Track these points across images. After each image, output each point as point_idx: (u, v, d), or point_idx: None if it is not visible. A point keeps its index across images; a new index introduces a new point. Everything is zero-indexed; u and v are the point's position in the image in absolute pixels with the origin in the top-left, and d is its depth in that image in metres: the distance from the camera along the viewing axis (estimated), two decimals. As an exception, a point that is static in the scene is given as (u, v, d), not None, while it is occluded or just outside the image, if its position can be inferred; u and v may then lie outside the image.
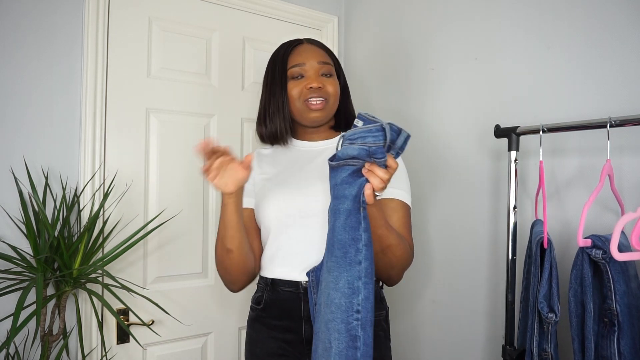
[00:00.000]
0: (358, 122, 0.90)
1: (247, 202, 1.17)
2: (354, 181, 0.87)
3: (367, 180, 0.86)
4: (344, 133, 0.90)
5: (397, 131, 0.85)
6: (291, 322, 1.10)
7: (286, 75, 1.17)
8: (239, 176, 0.99)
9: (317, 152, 1.20)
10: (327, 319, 0.88)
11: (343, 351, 0.85)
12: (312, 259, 1.09)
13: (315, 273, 1.05)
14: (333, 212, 0.90)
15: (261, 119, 1.22)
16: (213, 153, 0.96)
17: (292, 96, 1.16)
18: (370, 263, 0.87)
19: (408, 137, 0.86)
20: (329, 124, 1.23)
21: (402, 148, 0.87)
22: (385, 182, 0.85)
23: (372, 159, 0.84)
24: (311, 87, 1.13)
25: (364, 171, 0.86)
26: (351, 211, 0.87)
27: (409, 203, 1.15)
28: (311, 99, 1.14)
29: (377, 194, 0.88)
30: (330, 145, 1.21)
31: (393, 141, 0.85)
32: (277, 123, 1.18)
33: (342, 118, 1.24)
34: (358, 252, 0.86)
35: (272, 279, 1.12)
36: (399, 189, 1.12)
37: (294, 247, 1.10)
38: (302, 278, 1.09)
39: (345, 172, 0.88)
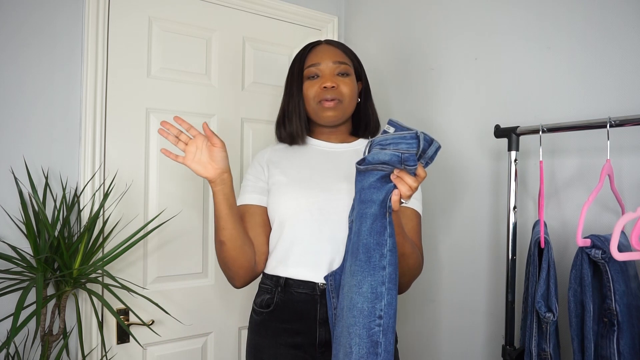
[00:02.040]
0: (389, 128, 0.90)
1: (259, 200, 1.16)
2: (382, 186, 0.87)
3: (395, 187, 0.86)
4: (373, 138, 0.90)
5: (429, 141, 0.85)
6: (303, 324, 1.08)
7: (303, 76, 1.18)
8: (214, 155, 1.01)
9: (337, 153, 1.20)
10: (348, 324, 0.87)
11: (364, 357, 0.85)
12: (328, 258, 1.07)
13: (334, 277, 1.04)
14: (359, 216, 0.90)
15: (280, 120, 1.23)
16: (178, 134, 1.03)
17: (308, 96, 1.17)
18: (395, 269, 0.87)
19: (439, 148, 0.86)
20: (346, 126, 1.23)
21: (432, 158, 0.87)
22: (413, 190, 0.85)
23: (403, 166, 0.84)
24: (325, 87, 1.14)
25: (392, 177, 0.86)
26: (377, 216, 0.87)
27: (421, 212, 1.16)
28: (324, 100, 1.14)
29: (402, 201, 0.88)
30: (349, 148, 1.21)
31: (424, 150, 0.85)
32: (294, 123, 1.18)
33: (362, 121, 1.23)
34: (383, 257, 0.86)
35: (286, 279, 1.10)
36: (414, 198, 1.13)
37: (311, 245, 1.08)
38: (319, 279, 1.07)
39: (373, 177, 0.88)
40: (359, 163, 0.89)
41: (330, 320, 1.04)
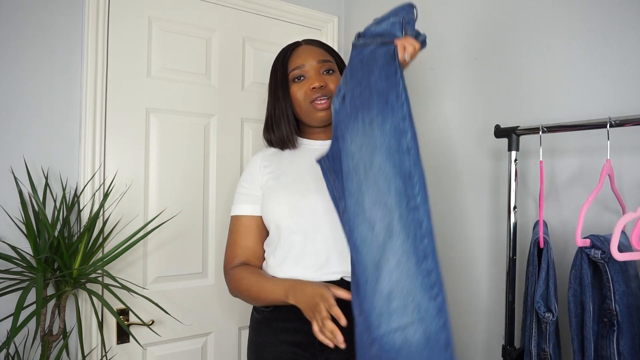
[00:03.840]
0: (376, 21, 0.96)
1: (252, 210, 1.18)
2: (382, 48, 0.91)
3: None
4: (359, 31, 0.96)
5: (418, 33, 0.90)
6: (302, 323, 1.07)
7: (287, 79, 1.18)
8: None
9: (325, 150, 1.20)
10: (374, 175, 0.86)
11: (401, 190, 0.85)
12: (323, 257, 1.09)
13: (327, 158, 1.01)
14: (366, 75, 0.92)
15: (268, 125, 1.23)
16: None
17: (298, 99, 1.17)
18: (409, 107, 0.89)
19: (425, 37, 0.91)
20: None
21: (421, 45, 0.91)
22: (415, 50, 0.89)
23: (404, 32, 0.88)
24: (314, 87, 1.14)
25: (396, 41, 0.89)
26: (383, 65, 0.90)
27: None
28: (316, 100, 1.15)
29: (405, 58, 0.90)
30: None
31: (416, 36, 0.90)
32: (282, 128, 1.19)
33: None
34: (399, 96, 0.88)
35: None
36: None
37: (305, 247, 1.10)
38: (317, 278, 1.08)
39: (373, 46, 0.92)
40: (355, 42, 0.94)
41: (333, 197, 1.01)
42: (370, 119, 0.89)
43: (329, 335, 0.91)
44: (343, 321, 0.90)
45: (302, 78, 1.17)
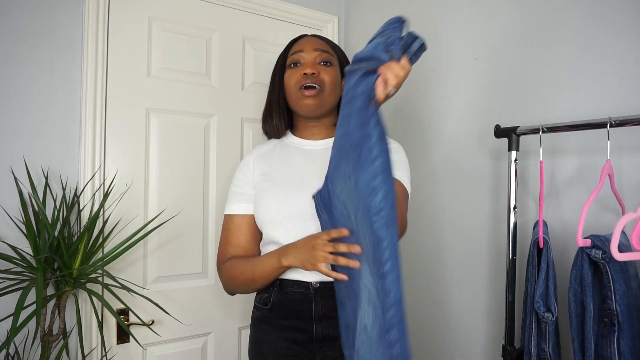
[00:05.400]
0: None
1: (245, 209, 1.18)
2: (365, 79, 0.85)
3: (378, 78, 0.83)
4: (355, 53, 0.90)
5: (414, 37, 0.81)
6: (300, 321, 1.09)
7: (285, 66, 1.20)
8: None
9: (318, 152, 1.20)
10: (360, 225, 0.86)
11: (372, 255, 0.82)
12: None
13: (320, 194, 1.03)
14: (346, 117, 0.89)
15: (265, 114, 1.25)
16: None
17: (290, 84, 1.17)
18: (386, 159, 0.82)
19: (423, 44, 0.81)
20: (330, 119, 1.22)
21: (416, 55, 0.82)
22: (399, 79, 0.80)
23: (389, 53, 0.80)
24: (305, 73, 1.14)
25: (381, 68, 0.81)
26: (360, 108, 0.84)
27: (409, 190, 1.15)
28: (304, 88, 1.14)
29: (388, 93, 0.82)
30: (329, 145, 1.21)
31: (408, 45, 0.81)
32: (274, 116, 1.21)
33: None
34: (370, 150, 0.82)
35: (280, 280, 1.12)
36: (399, 171, 1.12)
37: None
38: (312, 278, 1.09)
39: (358, 74, 0.87)
40: (347, 68, 0.91)
41: (323, 227, 1.05)
42: (348, 173, 0.87)
43: (344, 261, 0.93)
44: (343, 248, 0.94)
45: (297, 64, 1.18)
